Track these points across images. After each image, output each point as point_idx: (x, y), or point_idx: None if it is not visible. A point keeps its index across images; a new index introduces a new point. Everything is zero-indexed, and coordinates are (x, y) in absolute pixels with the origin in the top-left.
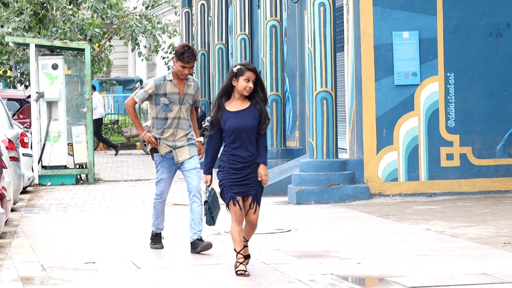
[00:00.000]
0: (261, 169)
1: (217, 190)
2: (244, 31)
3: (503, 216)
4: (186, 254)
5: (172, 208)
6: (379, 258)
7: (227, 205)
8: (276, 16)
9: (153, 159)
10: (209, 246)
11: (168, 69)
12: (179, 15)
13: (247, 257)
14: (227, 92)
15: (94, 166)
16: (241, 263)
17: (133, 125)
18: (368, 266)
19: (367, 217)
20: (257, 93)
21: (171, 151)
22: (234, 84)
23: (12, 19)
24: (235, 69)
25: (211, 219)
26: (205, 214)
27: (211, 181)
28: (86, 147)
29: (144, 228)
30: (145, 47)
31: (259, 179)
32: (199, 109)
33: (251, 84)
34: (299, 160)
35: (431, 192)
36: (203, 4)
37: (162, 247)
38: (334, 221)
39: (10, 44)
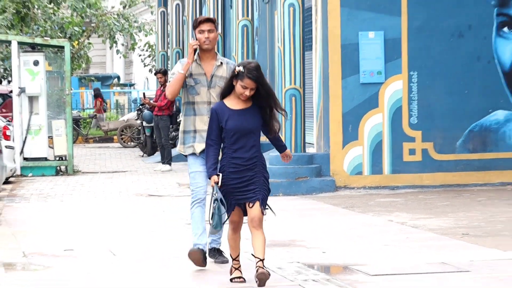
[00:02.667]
0: (288, 151)
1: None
2: (217, 30)
3: (462, 209)
4: (161, 243)
5: (147, 198)
6: (343, 248)
7: (227, 212)
8: (247, 16)
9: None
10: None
11: (144, 66)
12: (155, 14)
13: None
14: (230, 89)
15: (73, 158)
16: (236, 268)
17: (111, 119)
18: (333, 255)
19: (332, 208)
20: (261, 94)
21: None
22: (234, 84)
23: None
24: (236, 70)
25: (219, 220)
26: (212, 216)
27: (218, 179)
28: (66, 140)
29: (120, 218)
30: (122, 45)
31: (287, 160)
32: (174, 105)
33: (247, 92)
34: (268, 154)
35: (394, 185)
36: (178, 4)
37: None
38: (301, 213)
39: None
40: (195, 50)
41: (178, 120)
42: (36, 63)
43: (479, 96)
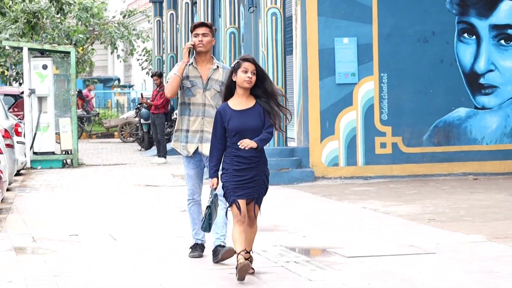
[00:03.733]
0: (249, 141)
1: (220, 192)
2: (213, 36)
3: (428, 196)
4: (157, 228)
5: (144, 188)
6: (322, 232)
7: (230, 208)
8: (234, 24)
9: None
10: (231, 252)
11: (142, 69)
12: (151, 23)
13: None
14: (230, 89)
15: (78, 153)
16: (246, 259)
17: (112, 117)
18: (313, 239)
19: (312, 197)
20: (261, 90)
21: (197, 148)
22: (234, 80)
23: (9, 27)
24: (233, 64)
25: (208, 225)
26: (203, 219)
27: (217, 184)
28: (71, 136)
29: (120, 206)
30: (122, 50)
31: (242, 145)
32: (169, 104)
33: (249, 74)
34: None
35: (367, 176)
36: (172, 13)
37: (200, 256)
38: (283, 201)
39: (7, 47)
40: (189, 52)
41: (173, 118)
42: (44, 67)
43: (443, 95)
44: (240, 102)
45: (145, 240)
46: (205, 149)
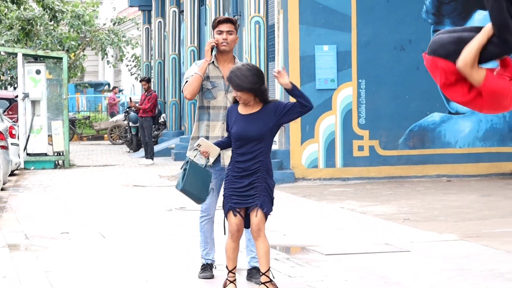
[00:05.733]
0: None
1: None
2: (193, 43)
3: (403, 197)
4: (144, 226)
5: (132, 188)
6: (301, 231)
7: (226, 216)
8: None
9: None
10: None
11: (131, 74)
12: (140, 30)
13: None
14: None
15: (69, 154)
16: (231, 281)
17: (102, 120)
18: (293, 237)
19: (292, 197)
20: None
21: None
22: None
23: (4, 33)
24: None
25: (180, 180)
26: (183, 174)
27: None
28: (63, 138)
29: (109, 205)
30: (112, 56)
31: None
32: (156, 107)
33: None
34: None
35: (345, 177)
36: (160, 21)
37: (211, 277)
38: None
39: (2, 53)
40: (212, 49)
41: (160, 121)
42: (38, 72)
43: (418, 101)
44: (245, 105)
45: (132, 238)
46: (227, 158)
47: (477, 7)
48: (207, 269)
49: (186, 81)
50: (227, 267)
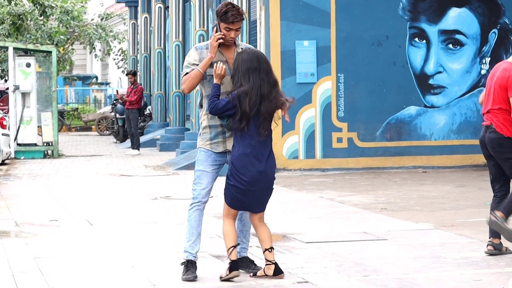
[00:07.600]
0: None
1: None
2: (178, 38)
3: (380, 188)
4: (130, 214)
5: (119, 178)
6: (282, 219)
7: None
8: (203, 27)
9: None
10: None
11: (118, 68)
12: (127, 25)
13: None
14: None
15: (58, 144)
16: (269, 259)
17: (90, 112)
18: (274, 225)
19: (274, 187)
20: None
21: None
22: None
23: None
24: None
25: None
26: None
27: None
28: (52, 129)
29: (96, 194)
30: (100, 50)
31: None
32: (142, 100)
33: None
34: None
35: (325, 168)
36: (146, 17)
37: (194, 279)
38: None
39: None
40: (219, 45)
41: (145, 113)
42: (28, 65)
43: (395, 95)
44: None
45: (119, 225)
46: (230, 144)
47: (452, 5)
48: (189, 269)
49: (187, 73)
50: (227, 246)
